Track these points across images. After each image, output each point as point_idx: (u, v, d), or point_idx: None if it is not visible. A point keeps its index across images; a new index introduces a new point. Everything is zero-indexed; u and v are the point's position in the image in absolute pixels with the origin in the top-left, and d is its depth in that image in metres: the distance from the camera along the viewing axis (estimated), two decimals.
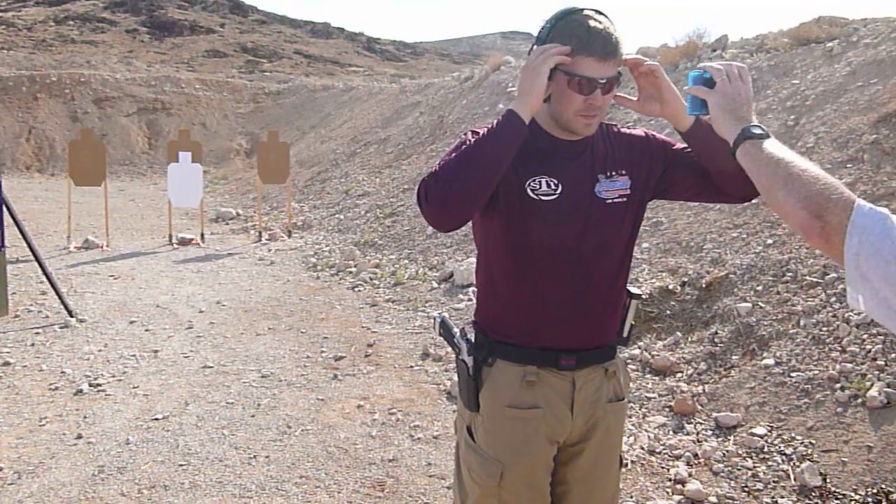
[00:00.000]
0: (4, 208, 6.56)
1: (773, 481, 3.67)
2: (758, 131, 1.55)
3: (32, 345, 5.99)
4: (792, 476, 3.64)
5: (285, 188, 12.85)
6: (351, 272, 8.69)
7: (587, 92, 1.88)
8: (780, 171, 1.44)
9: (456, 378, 2.28)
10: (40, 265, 6.86)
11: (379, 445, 4.29)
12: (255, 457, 4.12)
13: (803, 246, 5.36)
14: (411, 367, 5.62)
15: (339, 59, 50.11)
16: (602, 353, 2.07)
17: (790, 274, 5.20)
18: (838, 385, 4.08)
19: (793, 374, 4.31)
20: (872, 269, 1.26)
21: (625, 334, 2.14)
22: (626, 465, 3.95)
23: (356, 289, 8.03)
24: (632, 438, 4.22)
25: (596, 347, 2.05)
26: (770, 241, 5.65)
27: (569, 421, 2.02)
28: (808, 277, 5.04)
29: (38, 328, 6.45)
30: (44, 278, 7.03)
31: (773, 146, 1.51)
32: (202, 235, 11.20)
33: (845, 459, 3.62)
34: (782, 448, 3.87)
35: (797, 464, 3.71)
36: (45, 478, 3.84)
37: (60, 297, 6.80)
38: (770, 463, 3.79)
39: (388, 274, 8.33)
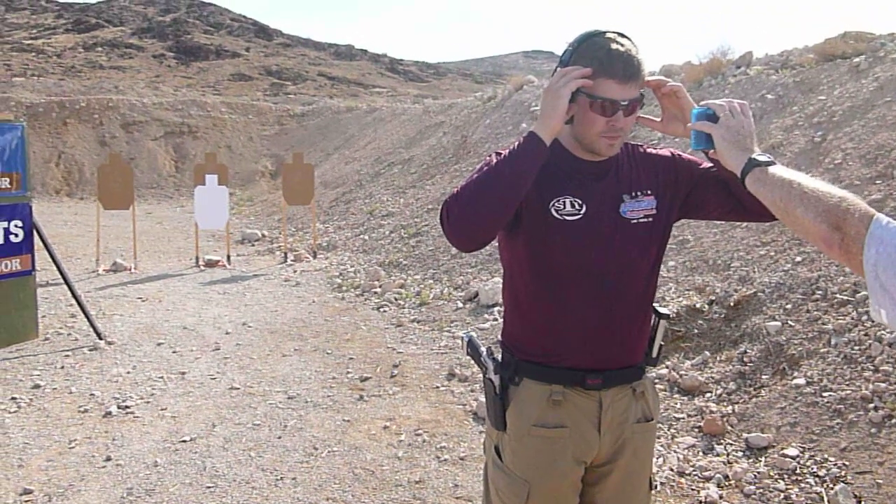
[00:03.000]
0: (35, 232, 6.67)
1: None
2: (764, 159, 1.60)
3: (62, 367, 6.05)
4: (826, 498, 3.57)
5: (310, 209, 12.93)
6: (376, 293, 8.71)
7: (609, 114, 1.88)
8: (794, 191, 1.47)
9: (483, 398, 2.29)
10: (70, 288, 6.94)
11: (405, 467, 4.27)
12: (281, 479, 4.12)
13: (833, 263, 5.30)
14: (437, 387, 5.60)
15: (363, 80, 50.49)
16: (629, 373, 2.06)
17: (820, 292, 5.13)
18: (872, 405, 4.01)
19: (824, 394, 4.24)
20: (891, 279, 1.27)
21: (654, 354, 2.13)
22: (656, 486, 3.90)
23: (381, 309, 8.03)
24: (661, 460, 4.18)
25: (623, 367, 2.04)
26: (799, 259, 5.58)
27: (596, 441, 2.01)
28: (838, 295, 4.98)
29: (67, 351, 6.51)
30: (73, 301, 7.12)
31: (781, 170, 1.55)
32: (228, 257, 11.29)
33: (880, 481, 3.55)
34: (815, 470, 3.80)
35: (831, 486, 3.64)
36: (74, 500, 3.87)
37: (90, 320, 6.87)
38: (803, 485, 3.73)
39: (413, 294, 8.34)
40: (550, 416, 1.99)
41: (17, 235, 6.51)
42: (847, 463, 3.75)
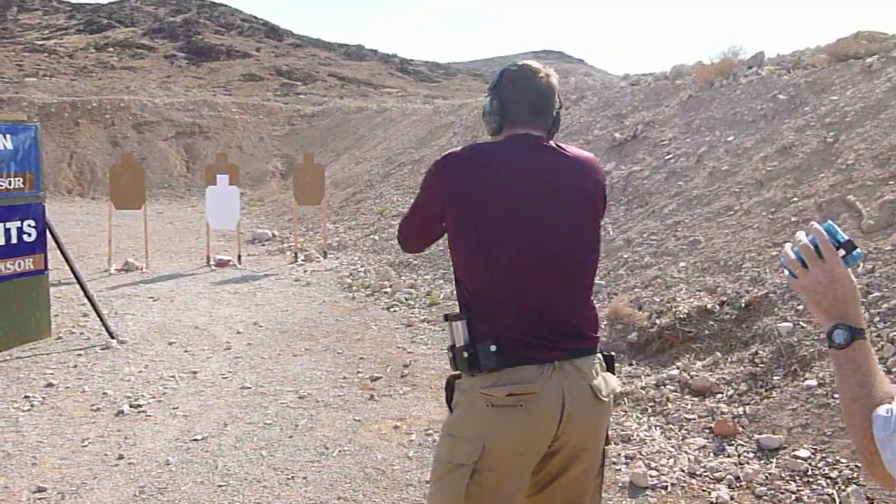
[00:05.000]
0: (48, 232, 6.71)
1: None
2: (838, 339, 1.41)
3: (75, 366, 6.09)
4: (838, 500, 3.56)
5: (320, 209, 12.96)
6: (386, 292, 8.73)
7: None
8: (843, 403, 1.40)
9: None
10: (82, 288, 6.99)
11: (416, 467, 4.28)
12: (293, 478, 4.13)
13: None
14: None
15: (373, 80, 50.52)
16: None
17: None
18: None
19: (836, 396, 4.22)
20: None
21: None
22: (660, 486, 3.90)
23: (392, 309, 8.05)
24: (672, 460, 4.17)
25: None
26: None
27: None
28: None
29: (79, 350, 6.55)
30: (85, 300, 7.16)
31: (846, 361, 1.41)
32: (239, 257, 11.33)
33: None
34: (827, 471, 3.79)
35: (843, 488, 3.63)
36: (87, 498, 3.89)
37: (102, 319, 6.91)
38: (815, 486, 3.71)
39: (424, 294, 8.35)
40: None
41: (30, 235, 6.56)
42: (859, 465, 3.74)
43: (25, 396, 5.36)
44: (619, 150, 9.78)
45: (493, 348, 2.11)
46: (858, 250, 1.47)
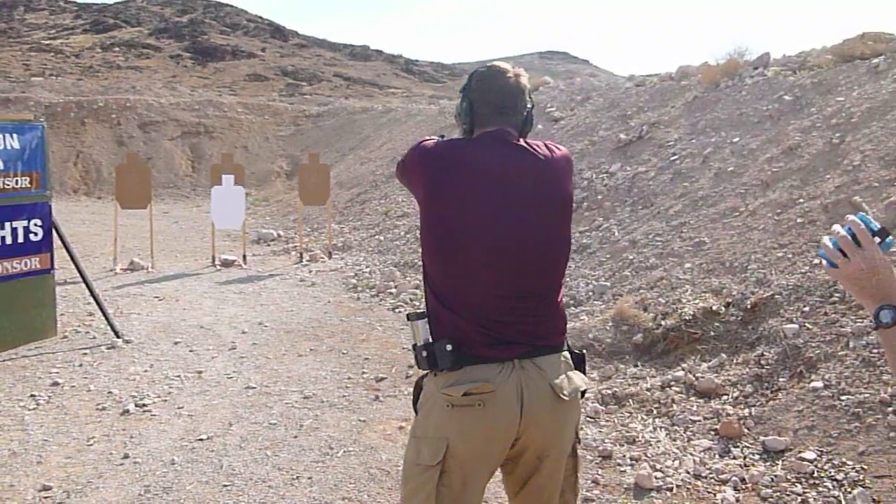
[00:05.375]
0: (54, 231, 6.73)
1: None
2: (885, 319, 1.51)
3: (80, 365, 6.10)
4: (844, 502, 3.55)
5: (325, 210, 12.97)
6: (391, 293, 8.73)
7: None
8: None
9: None
10: (88, 287, 7.00)
11: None
12: (297, 478, 4.14)
13: None
14: None
15: (378, 81, 50.54)
16: None
17: (838, 294, 5.10)
18: (890, 409, 3.98)
19: (842, 398, 4.22)
20: None
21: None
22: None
23: (396, 310, 8.05)
24: (677, 462, 4.16)
25: None
26: (816, 261, 5.55)
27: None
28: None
29: (85, 349, 6.57)
30: (91, 300, 7.17)
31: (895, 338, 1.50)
32: (244, 257, 11.34)
33: None
34: (833, 473, 3.78)
35: (849, 490, 3.62)
36: (92, 497, 3.90)
37: (107, 319, 6.92)
38: (821, 489, 3.70)
39: None
40: None
41: (36, 234, 6.58)
42: (865, 467, 3.73)
43: (31, 395, 5.37)
44: (625, 151, 9.77)
45: (448, 347, 2.12)
46: (891, 237, 1.56)
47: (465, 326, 2.16)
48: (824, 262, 1.64)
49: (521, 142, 2.31)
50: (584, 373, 2.33)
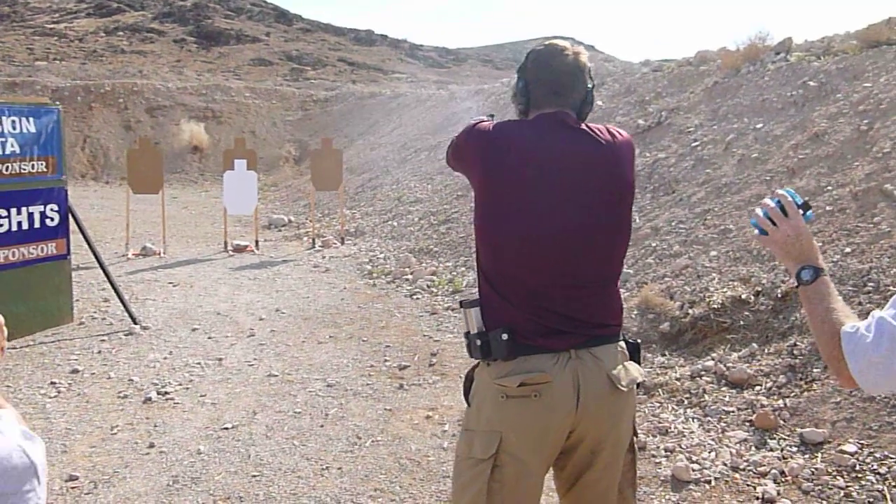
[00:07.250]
0: (70, 216, 6.65)
1: (869, 502, 3.50)
2: (806, 277, 1.73)
3: (99, 352, 6.03)
4: (889, 497, 3.47)
5: (337, 195, 12.87)
6: (408, 279, 8.64)
7: None
8: (814, 318, 1.69)
9: None
10: (105, 273, 6.92)
11: (451, 458, 4.18)
12: (327, 468, 4.07)
13: (885, 255, 5.17)
14: None
15: (383, 66, 50.20)
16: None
17: (872, 284, 5.00)
18: None
19: None
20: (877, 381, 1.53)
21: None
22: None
23: (414, 297, 7.97)
24: (713, 454, 4.09)
25: None
26: (848, 250, 5.45)
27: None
28: (891, 287, 4.85)
29: (103, 335, 6.50)
30: (105, 285, 7.11)
31: (813, 292, 1.71)
32: (256, 242, 11.26)
33: None
34: (875, 467, 3.70)
35: (893, 483, 3.54)
36: (120, 487, 3.84)
37: (125, 305, 6.85)
38: (864, 482, 3.62)
39: (446, 282, 8.26)
40: None
41: (52, 220, 6.50)
42: None
43: (52, 382, 5.31)
44: (644, 138, 9.64)
45: (504, 336, 2.06)
46: (811, 211, 1.86)
47: (519, 315, 2.08)
48: (756, 230, 1.87)
49: (583, 126, 2.22)
50: (638, 363, 2.25)
